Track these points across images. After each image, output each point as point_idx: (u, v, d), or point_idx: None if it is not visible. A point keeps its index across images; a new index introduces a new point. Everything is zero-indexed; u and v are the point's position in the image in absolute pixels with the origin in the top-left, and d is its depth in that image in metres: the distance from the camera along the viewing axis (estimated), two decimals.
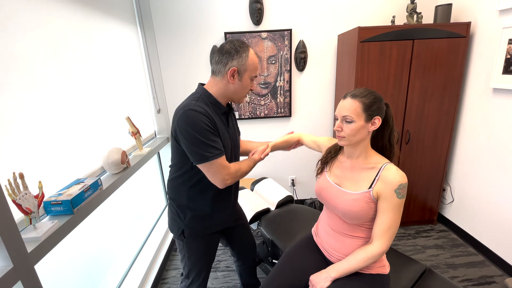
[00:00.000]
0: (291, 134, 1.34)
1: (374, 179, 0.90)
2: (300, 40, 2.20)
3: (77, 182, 1.12)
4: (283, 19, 2.17)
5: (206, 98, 1.00)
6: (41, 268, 0.87)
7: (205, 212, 1.09)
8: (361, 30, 1.81)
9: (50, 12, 1.13)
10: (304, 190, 2.64)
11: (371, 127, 0.91)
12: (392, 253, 1.26)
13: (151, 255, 1.84)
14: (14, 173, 0.80)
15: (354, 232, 0.97)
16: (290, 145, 1.31)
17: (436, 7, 1.96)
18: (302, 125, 2.44)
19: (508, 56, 1.61)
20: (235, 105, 2.28)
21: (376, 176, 0.90)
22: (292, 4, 2.14)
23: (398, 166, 0.94)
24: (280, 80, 2.29)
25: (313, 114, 2.42)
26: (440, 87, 1.94)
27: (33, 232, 0.85)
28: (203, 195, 1.07)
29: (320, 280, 0.95)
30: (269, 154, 1.22)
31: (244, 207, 1.58)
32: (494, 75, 1.72)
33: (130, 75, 1.86)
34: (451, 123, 2.01)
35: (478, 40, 1.87)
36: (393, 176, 0.87)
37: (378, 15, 2.19)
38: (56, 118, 1.12)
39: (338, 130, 0.93)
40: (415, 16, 1.99)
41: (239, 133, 1.22)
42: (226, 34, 2.15)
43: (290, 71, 2.27)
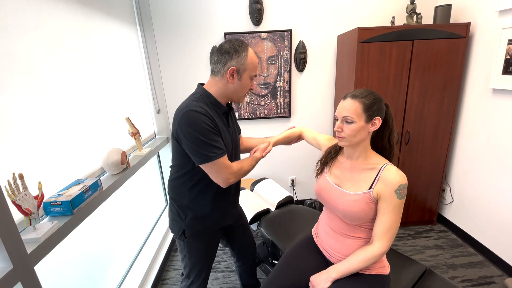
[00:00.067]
0: (292, 128, 1.34)
1: (374, 179, 0.90)
2: (300, 41, 2.20)
3: (76, 182, 1.12)
4: (283, 19, 2.17)
5: (206, 98, 1.00)
6: (41, 268, 0.87)
7: (205, 212, 1.09)
8: (361, 31, 1.81)
9: (50, 12, 1.13)
10: (304, 190, 2.64)
11: (371, 127, 0.91)
12: (392, 253, 1.26)
13: (151, 256, 1.84)
14: (14, 173, 0.80)
15: (354, 233, 0.97)
16: (291, 140, 1.32)
17: (436, 7, 1.96)
18: (301, 125, 2.43)
19: (508, 57, 1.62)
20: (235, 105, 2.28)
21: (376, 176, 0.90)
22: (292, 5, 2.14)
23: (398, 166, 0.94)
24: (280, 81, 2.29)
25: (313, 114, 2.42)
26: (439, 87, 1.94)
27: (33, 233, 0.85)
28: (203, 196, 1.07)
29: (321, 280, 0.95)
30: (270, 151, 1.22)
31: (244, 208, 1.58)
32: (494, 76, 1.72)
33: (129, 75, 1.86)
34: (451, 123, 2.02)
35: (477, 41, 1.87)
36: (393, 176, 0.87)
37: (377, 16, 2.19)
38: (56, 118, 1.12)
39: (338, 131, 0.93)
40: (414, 16, 1.99)
41: (239, 131, 1.22)
42: (226, 34, 2.15)
43: (290, 71, 2.27)
